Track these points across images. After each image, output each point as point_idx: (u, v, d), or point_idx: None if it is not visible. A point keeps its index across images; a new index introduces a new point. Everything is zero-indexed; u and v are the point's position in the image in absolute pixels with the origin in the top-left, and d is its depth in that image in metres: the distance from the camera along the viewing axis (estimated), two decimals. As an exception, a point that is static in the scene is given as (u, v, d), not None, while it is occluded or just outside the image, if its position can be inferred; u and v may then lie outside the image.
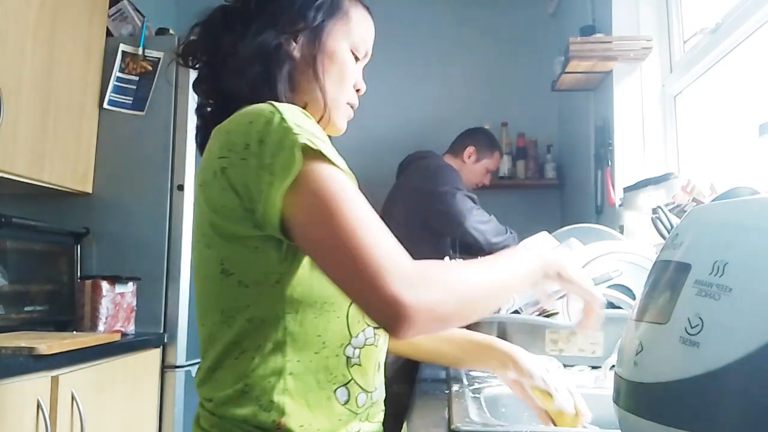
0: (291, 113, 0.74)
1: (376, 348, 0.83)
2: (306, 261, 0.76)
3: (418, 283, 0.66)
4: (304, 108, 0.84)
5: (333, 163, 0.72)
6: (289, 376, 0.76)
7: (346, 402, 0.79)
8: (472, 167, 2.72)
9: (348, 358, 0.80)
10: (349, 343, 0.80)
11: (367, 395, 0.82)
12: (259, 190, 0.71)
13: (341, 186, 0.71)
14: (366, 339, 0.82)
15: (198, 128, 0.94)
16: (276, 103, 0.76)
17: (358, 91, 0.95)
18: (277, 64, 0.85)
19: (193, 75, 0.93)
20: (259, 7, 0.88)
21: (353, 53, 0.93)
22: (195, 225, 0.82)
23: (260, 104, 0.76)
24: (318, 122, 0.88)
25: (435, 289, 0.67)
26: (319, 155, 0.71)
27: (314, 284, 0.76)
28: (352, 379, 0.80)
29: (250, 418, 0.75)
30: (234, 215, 0.74)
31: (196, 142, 0.95)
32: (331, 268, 0.70)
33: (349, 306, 0.79)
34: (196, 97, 0.93)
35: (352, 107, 0.95)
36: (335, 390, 0.79)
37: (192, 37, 0.91)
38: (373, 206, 0.73)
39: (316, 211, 0.69)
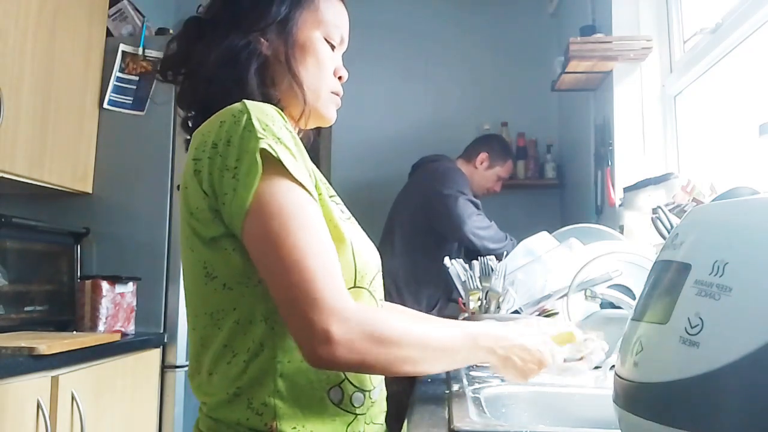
0: (260, 112, 0.74)
1: None
2: None
3: (349, 323, 0.68)
4: (279, 102, 0.85)
5: (290, 175, 0.72)
6: (279, 378, 0.75)
7: (340, 402, 0.78)
8: (484, 173, 2.73)
9: None
10: None
11: (365, 394, 0.81)
12: (223, 192, 0.72)
13: (296, 207, 0.71)
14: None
15: (187, 141, 0.93)
16: (248, 102, 0.76)
17: (340, 78, 0.94)
18: (245, 64, 0.84)
19: None
20: (224, 10, 0.87)
21: (327, 41, 0.91)
22: (180, 231, 0.82)
23: (235, 104, 0.76)
24: (300, 116, 0.88)
25: (365, 334, 0.69)
26: (278, 165, 0.71)
27: None
28: (345, 378, 0.79)
29: (243, 422, 0.75)
30: (207, 217, 0.75)
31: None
32: (272, 287, 0.71)
33: None
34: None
35: (337, 95, 0.93)
36: (328, 390, 0.78)
37: (167, 51, 0.91)
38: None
39: (266, 230, 0.70)
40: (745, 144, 1.60)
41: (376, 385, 0.84)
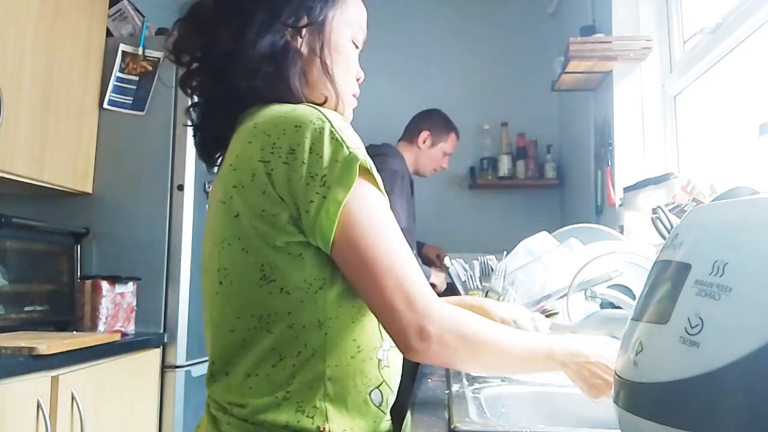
0: (339, 123, 0.75)
1: None
2: None
3: (443, 322, 0.73)
4: (325, 102, 0.85)
5: (378, 185, 0.75)
6: (328, 382, 0.76)
7: (380, 404, 0.81)
8: (429, 152, 2.67)
9: (379, 360, 0.81)
10: (381, 347, 0.81)
11: (393, 395, 0.84)
12: (307, 200, 0.72)
13: (385, 214, 0.75)
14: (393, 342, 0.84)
15: (197, 127, 0.91)
16: (322, 109, 0.75)
17: (358, 80, 0.94)
18: (289, 62, 0.83)
19: None
20: (260, 1, 0.84)
21: (353, 42, 0.91)
22: (222, 228, 0.79)
23: (304, 108, 0.76)
24: None
25: (455, 332, 0.74)
26: (369, 174, 0.74)
27: (353, 290, 0.77)
28: (383, 381, 0.82)
29: (292, 424, 0.75)
30: (278, 221, 0.73)
31: (196, 141, 0.92)
32: (368, 289, 0.74)
33: None
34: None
35: (355, 96, 0.94)
36: (370, 392, 0.80)
37: (180, 33, 0.87)
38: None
39: (361, 236, 0.73)
40: (745, 144, 1.60)
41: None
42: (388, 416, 0.84)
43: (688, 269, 0.51)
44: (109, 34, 2.34)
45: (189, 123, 0.92)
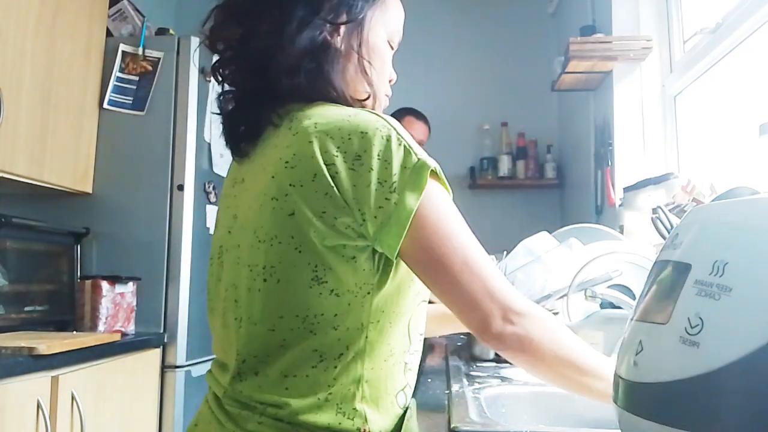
0: (403, 130, 0.76)
1: (419, 353, 0.87)
2: (393, 272, 0.77)
3: (524, 314, 0.74)
4: (368, 99, 0.86)
5: (446, 185, 0.77)
6: (365, 384, 0.77)
7: (404, 405, 0.82)
8: None
9: (406, 364, 0.82)
10: (408, 350, 0.82)
11: (409, 397, 0.85)
12: (375, 205, 0.72)
13: (456, 214, 0.77)
14: (418, 346, 0.85)
15: (226, 116, 0.88)
16: (384, 116, 0.76)
17: (390, 81, 0.94)
18: (330, 59, 0.82)
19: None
20: None
21: (389, 43, 0.91)
22: (272, 223, 0.76)
23: (366, 114, 0.76)
24: None
25: (539, 326, 0.75)
26: (437, 176, 0.75)
27: (398, 295, 0.78)
28: (408, 383, 0.83)
29: (334, 426, 0.75)
30: (338, 224, 0.73)
31: (224, 129, 0.89)
32: (446, 287, 0.75)
33: (411, 315, 0.82)
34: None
35: (387, 97, 0.93)
36: (396, 395, 0.81)
37: (217, 20, 0.86)
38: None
39: (437, 237, 0.73)
40: (745, 144, 1.60)
41: None
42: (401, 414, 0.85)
43: (688, 269, 0.51)
44: (109, 34, 2.34)
45: (218, 111, 0.90)
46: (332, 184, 0.72)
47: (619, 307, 1.28)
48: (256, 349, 0.78)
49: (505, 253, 1.68)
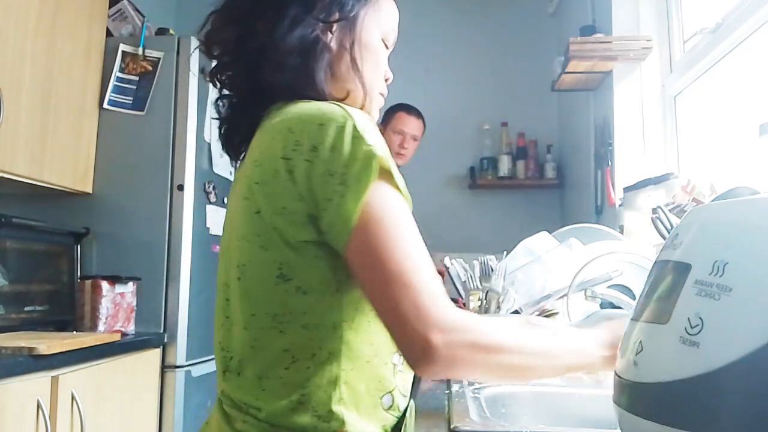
0: (363, 121, 0.73)
1: None
2: None
3: (453, 333, 0.67)
4: (347, 98, 0.84)
5: (398, 187, 0.73)
6: (343, 385, 0.74)
7: (390, 407, 0.79)
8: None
9: (395, 365, 0.80)
10: (397, 351, 0.79)
11: (405, 399, 0.82)
12: (326, 198, 0.70)
13: (403, 217, 0.72)
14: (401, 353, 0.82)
15: (223, 120, 0.89)
16: (347, 107, 0.74)
17: (386, 80, 0.94)
18: (317, 56, 0.82)
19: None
20: None
21: (384, 42, 0.91)
22: (243, 224, 0.77)
23: (329, 105, 0.75)
24: None
25: (467, 342, 0.68)
26: (389, 175, 0.72)
27: None
28: (396, 386, 0.80)
29: (310, 429, 0.73)
30: (299, 220, 0.72)
31: (221, 134, 0.90)
32: (375, 295, 0.70)
33: None
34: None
35: (382, 96, 0.93)
36: (382, 397, 0.78)
37: (215, 24, 0.86)
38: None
39: (375, 237, 0.69)
40: (745, 144, 1.60)
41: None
42: (395, 417, 0.82)
43: (688, 269, 0.51)
44: (109, 34, 2.34)
45: (216, 116, 0.91)
46: (290, 178, 0.72)
47: (619, 307, 1.28)
48: (236, 348, 0.79)
49: (505, 253, 1.68)
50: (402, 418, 0.81)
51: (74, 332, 1.97)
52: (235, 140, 0.89)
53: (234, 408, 0.78)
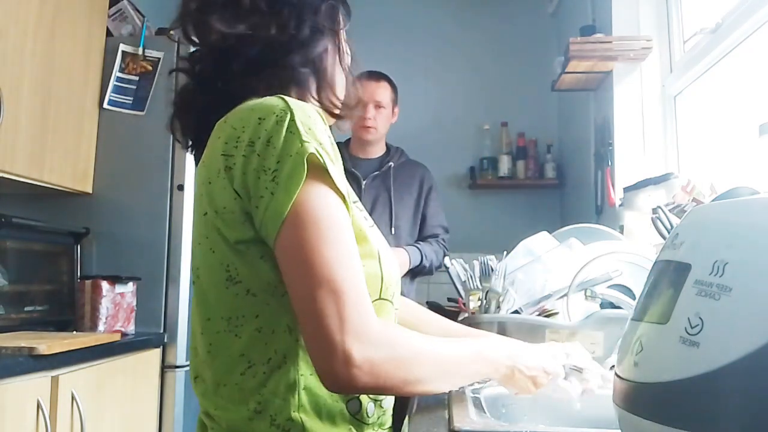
0: (303, 113, 0.70)
1: None
2: None
3: (373, 346, 0.64)
4: (329, 105, 0.83)
5: (334, 185, 0.69)
6: (303, 391, 0.71)
7: (357, 413, 0.76)
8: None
9: None
10: None
11: (376, 404, 0.78)
12: (258, 195, 0.68)
13: (336, 218, 0.68)
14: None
15: (179, 110, 0.89)
16: (289, 100, 0.71)
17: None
18: (317, 65, 0.83)
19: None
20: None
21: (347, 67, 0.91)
22: (197, 226, 0.76)
23: (270, 99, 0.72)
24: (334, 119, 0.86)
25: (387, 357, 0.65)
26: (322, 171, 0.68)
27: None
28: None
29: None
30: (236, 218, 0.70)
31: (173, 127, 0.90)
32: (298, 299, 0.66)
33: None
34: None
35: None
36: (347, 402, 0.75)
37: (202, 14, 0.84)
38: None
39: (302, 239, 0.66)
40: (745, 144, 1.60)
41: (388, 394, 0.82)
42: (374, 424, 0.79)
43: (688, 269, 0.51)
44: (109, 34, 2.34)
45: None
46: (227, 176, 0.70)
47: (619, 307, 1.28)
48: (194, 355, 0.78)
49: (505, 253, 1.68)
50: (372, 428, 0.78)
51: (74, 332, 1.97)
52: (186, 131, 0.91)
53: (206, 416, 0.77)
